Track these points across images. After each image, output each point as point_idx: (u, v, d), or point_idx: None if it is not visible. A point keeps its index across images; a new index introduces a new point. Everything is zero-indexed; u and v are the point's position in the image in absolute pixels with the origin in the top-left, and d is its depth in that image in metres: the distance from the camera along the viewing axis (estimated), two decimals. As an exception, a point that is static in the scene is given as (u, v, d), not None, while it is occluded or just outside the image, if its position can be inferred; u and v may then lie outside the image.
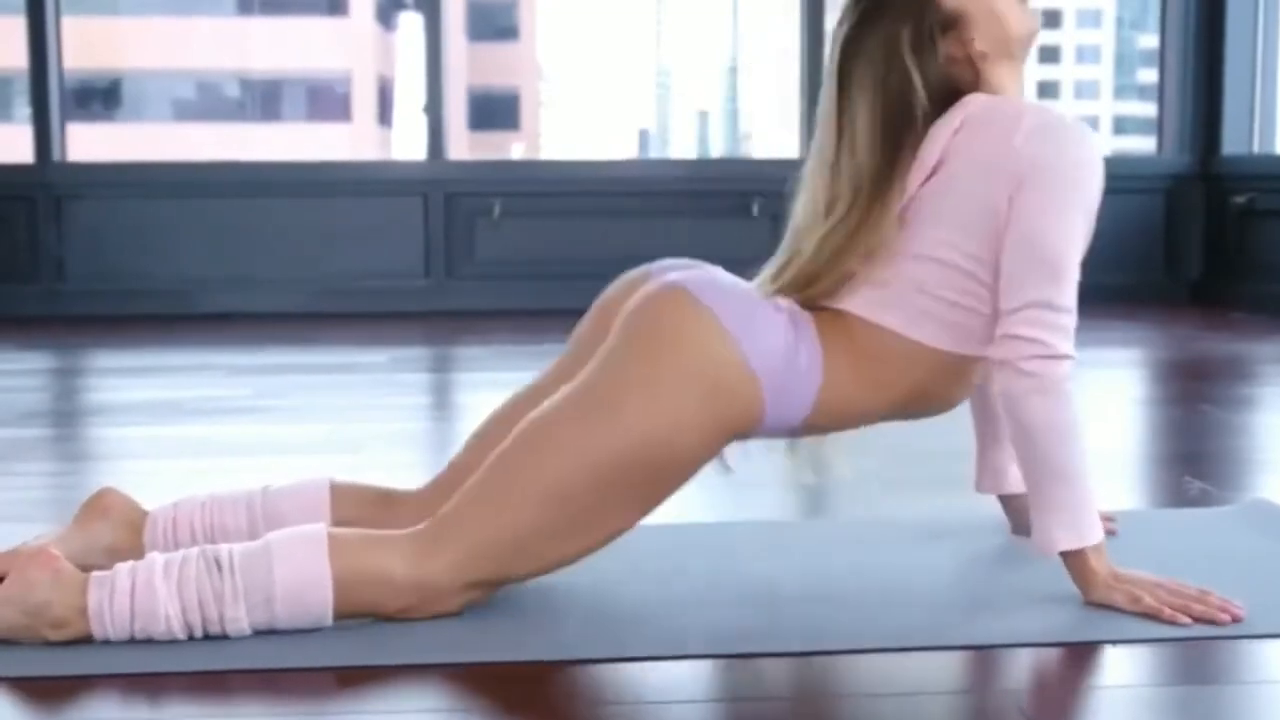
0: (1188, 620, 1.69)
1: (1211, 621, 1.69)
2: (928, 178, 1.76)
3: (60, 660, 1.59)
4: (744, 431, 1.74)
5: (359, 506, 1.88)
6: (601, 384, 1.69)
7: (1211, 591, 1.73)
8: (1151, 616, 1.70)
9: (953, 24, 1.79)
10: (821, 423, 1.78)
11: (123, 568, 1.64)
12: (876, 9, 1.78)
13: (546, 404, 1.72)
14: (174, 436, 3.14)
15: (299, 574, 1.63)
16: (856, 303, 1.78)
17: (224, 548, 1.66)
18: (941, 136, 1.76)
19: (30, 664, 1.58)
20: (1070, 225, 1.72)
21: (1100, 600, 1.74)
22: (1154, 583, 1.74)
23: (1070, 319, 1.74)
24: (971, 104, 1.77)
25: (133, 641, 1.62)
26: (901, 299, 1.76)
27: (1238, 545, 2.05)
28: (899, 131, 1.76)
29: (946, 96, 1.79)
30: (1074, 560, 1.76)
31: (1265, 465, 2.81)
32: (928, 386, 1.80)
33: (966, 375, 1.83)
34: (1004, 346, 1.73)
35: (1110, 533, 2.08)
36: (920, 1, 1.77)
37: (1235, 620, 1.69)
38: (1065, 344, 1.73)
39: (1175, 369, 4.35)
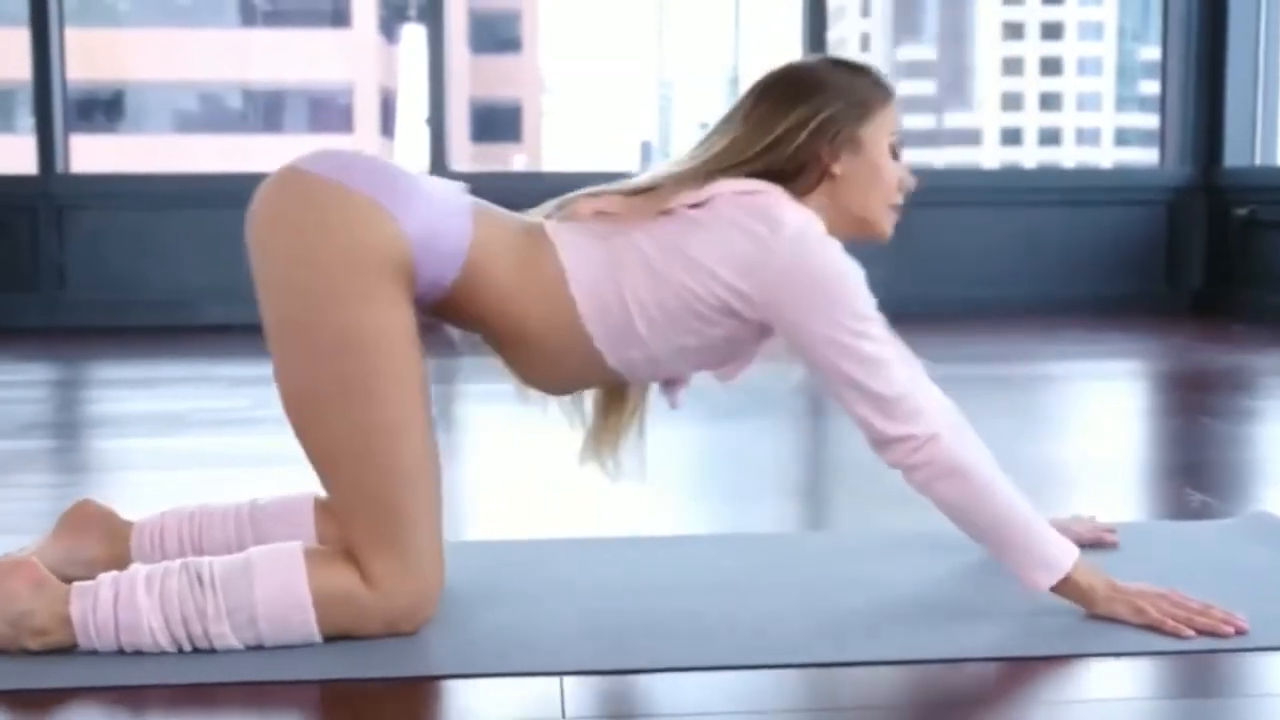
0: (1191, 633, 1.68)
1: (1215, 634, 1.69)
2: (690, 207, 1.76)
3: (44, 673, 1.58)
4: (406, 277, 1.67)
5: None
6: (279, 314, 1.65)
7: (1214, 604, 1.73)
8: (1154, 628, 1.70)
9: (847, 142, 1.82)
10: (462, 298, 1.73)
11: (106, 578, 1.64)
12: (836, 80, 1.83)
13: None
14: (174, 448, 3.14)
15: (280, 595, 1.63)
16: (561, 228, 1.78)
17: (205, 562, 1.65)
18: (725, 188, 1.77)
19: (12, 677, 1.57)
20: (859, 323, 1.71)
21: (1105, 613, 1.74)
22: (1156, 594, 1.74)
23: (914, 397, 1.72)
24: (769, 189, 1.77)
25: (121, 653, 1.63)
26: (594, 256, 1.74)
27: (1239, 558, 2.05)
28: (739, 164, 1.79)
29: (778, 175, 1.80)
30: (1065, 587, 1.76)
31: (1267, 478, 2.81)
32: (542, 336, 1.75)
33: (573, 365, 1.78)
34: (885, 454, 1.74)
35: (1112, 544, 2.08)
36: (860, 109, 1.83)
37: (1239, 633, 1.69)
38: (927, 423, 1.72)
39: (1176, 380, 4.34)
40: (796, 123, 1.80)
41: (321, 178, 1.67)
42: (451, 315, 1.80)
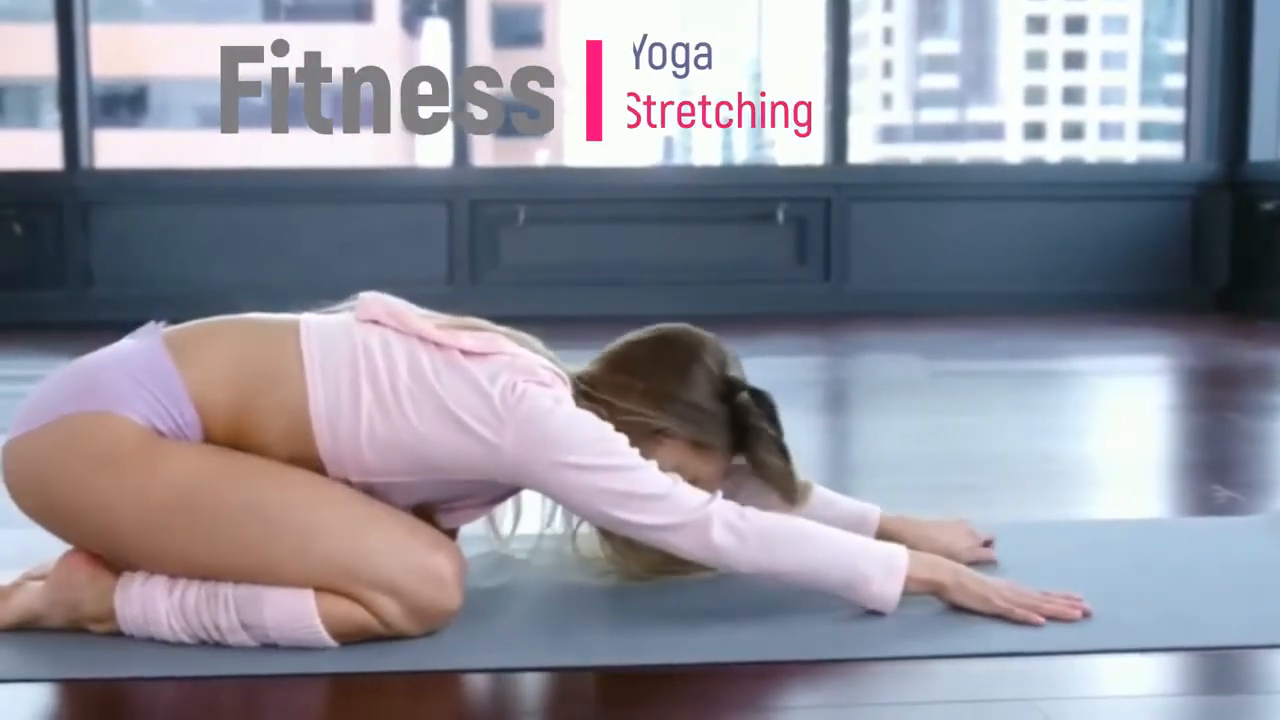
0: (1040, 619, 1.70)
1: (1064, 618, 1.70)
2: (469, 354, 1.77)
3: (80, 663, 1.61)
4: (157, 435, 1.68)
5: None
6: (112, 539, 1.66)
7: (1051, 592, 1.75)
8: (1002, 617, 1.71)
9: (663, 433, 1.81)
10: (227, 416, 1.72)
11: (142, 573, 1.68)
12: (706, 411, 1.84)
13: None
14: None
15: (292, 626, 1.64)
16: (313, 328, 1.85)
17: (220, 588, 1.66)
18: (516, 360, 1.76)
19: (45, 667, 1.61)
20: (602, 445, 1.69)
21: (956, 602, 1.74)
22: (1004, 585, 1.76)
23: (671, 495, 1.69)
24: (554, 384, 1.76)
25: (151, 641, 1.66)
26: (341, 353, 1.79)
27: (1267, 554, 2.04)
28: (577, 388, 1.80)
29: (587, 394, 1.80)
30: (912, 586, 1.74)
31: (1293, 474, 2.80)
32: (269, 433, 1.72)
33: (291, 453, 1.72)
34: (695, 542, 1.70)
35: (989, 560, 2.01)
36: (698, 444, 1.82)
37: (1085, 615, 1.71)
38: (689, 509, 1.69)
39: (1202, 376, 4.33)
40: (643, 405, 1.80)
41: (39, 430, 1.69)
42: (250, 431, 1.74)
